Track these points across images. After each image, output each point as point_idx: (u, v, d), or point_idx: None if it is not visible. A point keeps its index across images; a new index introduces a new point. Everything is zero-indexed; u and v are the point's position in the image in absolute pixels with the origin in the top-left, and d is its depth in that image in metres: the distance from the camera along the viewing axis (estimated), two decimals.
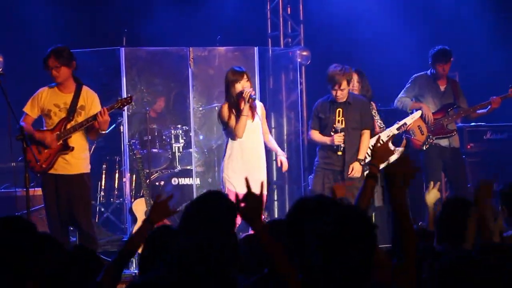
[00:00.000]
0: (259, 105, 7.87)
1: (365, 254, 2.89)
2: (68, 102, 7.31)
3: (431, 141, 8.84)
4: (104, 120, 7.17)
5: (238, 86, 7.58)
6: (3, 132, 7.17)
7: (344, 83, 7.93)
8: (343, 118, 8.01)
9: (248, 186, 3.22)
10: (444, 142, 8.91)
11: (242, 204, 3.17)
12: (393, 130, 8.72)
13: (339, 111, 8.01)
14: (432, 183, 5.58)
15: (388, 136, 8.61)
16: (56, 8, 10.52)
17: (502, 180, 9.62)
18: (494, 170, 9.89)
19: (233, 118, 7.57)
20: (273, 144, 8.09)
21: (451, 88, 9.03)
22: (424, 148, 8.81)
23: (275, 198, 10.85)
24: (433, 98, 8.98)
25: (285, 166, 8.02)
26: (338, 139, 7.93)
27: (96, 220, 9.58)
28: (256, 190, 3.19)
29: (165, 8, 10.67)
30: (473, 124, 9.99)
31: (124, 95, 9.33)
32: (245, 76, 7.64)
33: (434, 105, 8.97)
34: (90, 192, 7.58)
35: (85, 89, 7.43)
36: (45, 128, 7.33)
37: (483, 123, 10.00)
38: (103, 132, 7.37)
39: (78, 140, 7.34)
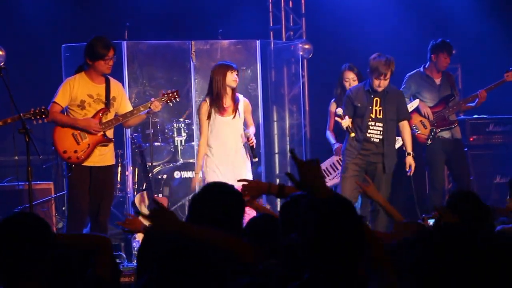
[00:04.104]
0: (242, 100, 7.83)
1: (350, 245, 2.93)
2: (101, 93, 7.33)
3: (436, 134, 8.83)
4: (159, 110, 7.50)
5: (230, 75, 7.58)
6: (6, 126, 7.16)
7: (389, 74, 7.81)
8: (381, 108, 7.88)
9: (294, 158, 3.16)
10: (446, 134, 8.90)
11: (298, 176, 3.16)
12: None
13: (377, 100, 7.87)
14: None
15: None
16: (57, 1, 10.51)
17: (506, 173, 9.68)
18: (496, 163, 9.90)
19: (206, 123, 7.61)
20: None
21: (447, 80, 9.03)
22: (429, 142, 8.80)
23: None
24: (430, 93, 8.96)
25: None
26: (344, 123, 7.76)
27: None
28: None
29: (167, 1, 10.66)
30: (475, 116, 9.98)
31: (126, 89, 9.32)
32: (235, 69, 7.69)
33: (432, 100, 8.95)
34: (114, 184, 7.66)
35: (113, 80, 7.50)
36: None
37: (485, 116, 10.00)
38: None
39: (112, 132, 7.43)
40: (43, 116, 6.97)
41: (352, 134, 7.78)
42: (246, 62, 10.12)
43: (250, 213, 7.58)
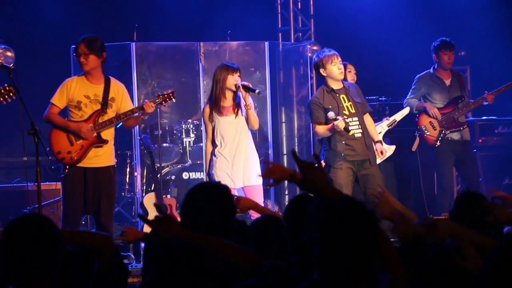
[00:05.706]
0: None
1: (362, 246, 2.89)
2: (98, 94, 7.24)
3: (445, 135, 8.80)
4: (152, 111, 7.32)
5: (231, 78, 7.52)
6: (15, 127, 7.18)
7: (339, 57, 7.67)
8: (350, 103, 7.66)
9: (296, 158, 3.12)
10: (456, 136, 8.88)
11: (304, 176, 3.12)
12: (383, 126, 8.66)
13: (343, 97, 7.68)
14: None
15: (379, 133, 8.39)
16: (67, 3, 10.54)
17: None
18: (505, 164, 9.87)
19: (209, 125, 7.61)
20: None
21: (457, 81, 9.01)
22: (438, 143, 8.78)
23: (286, 192, 10.85)
24: (440, 94, 8.94)
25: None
26: (341, 124, 7.44)
27: None
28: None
29: (176, 2, 10.68)
30: (484, 118, 9.96)
31: (135, 90, 9.35)
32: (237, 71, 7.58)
33: (442, 101, 8.93)
34: (115, 185, 7.54)
35: (114, 81, 7.38)
36: (71, 119, 7.25)
37: (494, 117, 9.98)
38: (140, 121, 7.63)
39: (109, 133, 7.30)
40: (11, 94, 6.79)
41: (351, 132, 7.56)
42: (254, 63, 10.14)
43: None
